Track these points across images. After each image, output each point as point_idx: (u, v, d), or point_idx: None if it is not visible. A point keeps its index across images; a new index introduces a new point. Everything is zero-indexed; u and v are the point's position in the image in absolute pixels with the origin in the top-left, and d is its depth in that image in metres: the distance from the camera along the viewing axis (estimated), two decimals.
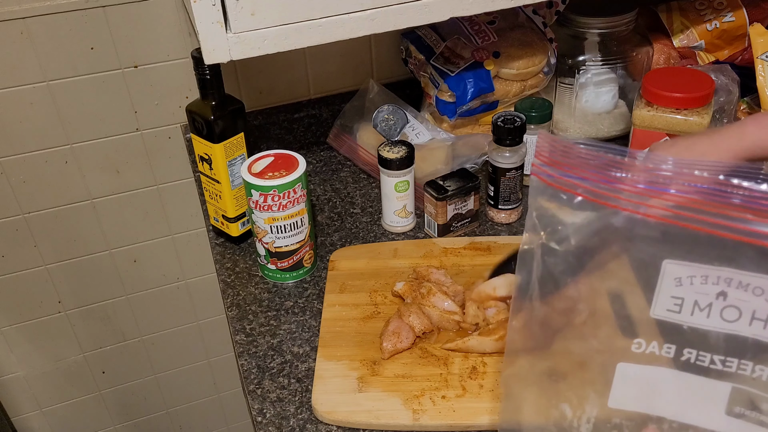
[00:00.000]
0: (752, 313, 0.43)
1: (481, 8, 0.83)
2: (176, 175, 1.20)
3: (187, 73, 1.10)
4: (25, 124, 1.06)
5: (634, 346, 0.47)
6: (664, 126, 0.88)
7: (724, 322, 0.44)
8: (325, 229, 0.98)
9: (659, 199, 0.42)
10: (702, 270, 0.43)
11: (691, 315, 0.44)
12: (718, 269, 0.43)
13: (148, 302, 1.32)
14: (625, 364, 0.48)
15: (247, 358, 0.79)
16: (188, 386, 1.48)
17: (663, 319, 0.45)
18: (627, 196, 0.43)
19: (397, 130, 0.96)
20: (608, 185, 0.44)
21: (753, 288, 0.42)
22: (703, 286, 0.43)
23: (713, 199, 0.41)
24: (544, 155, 0.46)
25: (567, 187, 0.45)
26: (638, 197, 0.43)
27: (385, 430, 0.69)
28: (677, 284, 0.44)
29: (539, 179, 0.46)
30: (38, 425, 1.39)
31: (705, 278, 0.43)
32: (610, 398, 0.49)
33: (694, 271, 0.43)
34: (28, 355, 1.29)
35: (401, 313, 0.78)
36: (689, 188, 0.42)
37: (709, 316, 0.44)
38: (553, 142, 0.46)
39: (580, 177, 0.44)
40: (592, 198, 0.44)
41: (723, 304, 0.43)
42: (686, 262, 0.43)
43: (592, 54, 1.07)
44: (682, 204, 0.42)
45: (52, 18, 0.99)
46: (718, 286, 0.43)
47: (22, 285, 1.21)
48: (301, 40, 0.77)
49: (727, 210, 0.40)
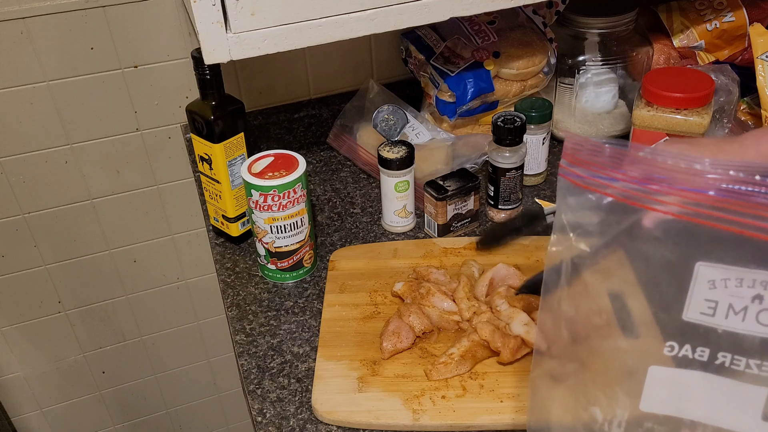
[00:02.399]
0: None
1: (481, 8, 0.83)
2: (176, 175, 1.20)
3: (187, 73, 1.10)
4: (25, 124, 1.06)
5: (666, 349, 0.46)
6: (664, 126, 0.88)
7: (760, 325, 0.43)
8: (325, 229, 0.98)
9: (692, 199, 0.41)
10: (737, 272, 0.42)
11: (726, 318, 0.44)
12: (753, 272, 0.42)
13: (148, 302, 1.32)
14: (657, 368, 0.47)
15: (247, 358, 0.79)
16: (188, 386, 1.48)
17: (696, 322, 0.44)
18: (658, 196, 0.42)
19: (397, 130, 0.96)
20: (638, 185, 0.43)
21: None
22: (738, 289, 0.42)
23: (748, 199, 0.40)
24: (572, 156, 0.45)
25: (595, 188, 0.44)
26: (669, 198, 0.42)
27: (385, 430, 0.69)
28: (711, 287, 0.43)
29: (567, 180, 0.45)
30: (38, 425, 1.39)
31: (740, 281, 0.42)
32: (642, 401, 0.48)
33: (728, 274, 0.42)
34: (28, 355, 1.29)
35: (401, 313, 0.78)
36: (721, 188, 0.41)
37: (745, 320, 0.43)
38: (581, 143, 0.45)
39: (608, 177, 0.44)
40: (622, 198, 0.43)
41: (759, 308, 0.42)
42: (720, 265, 0.42)
43: (592, 54, 1.07)
44: (715, 204, 0.41)
45: (52, 18, 0.99)
46: (753, 289, 0.42)
47: (22, 285, 1.21)
48: (301, 40, 0.77)
49: (761, 210, 0.40)
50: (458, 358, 0.72)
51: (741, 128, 1.01)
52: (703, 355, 0.45)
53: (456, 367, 0.72)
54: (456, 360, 0.72)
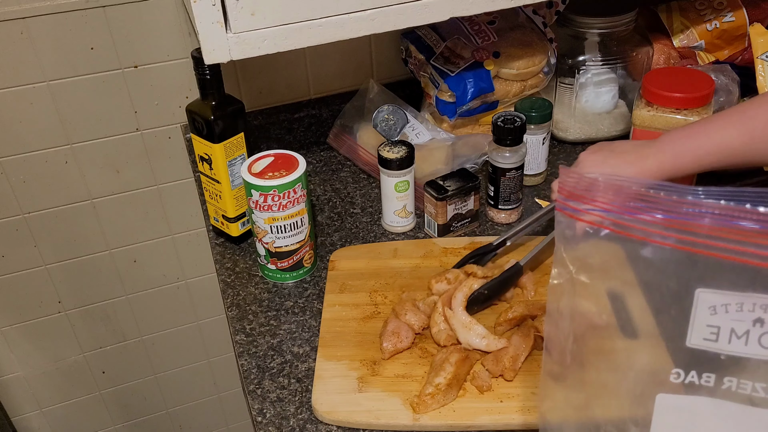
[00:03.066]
0: None
1: (481, 8, 0.83)
2: (176, 175, 1.20)
3: (187, 73, 1.10)
4: (25, 124, 1.06)
5: (672, 376, 0.46)
6: (664, 126, 0.88)
7: (762, 348, 0.43)
8: (325, 229, 0.98)
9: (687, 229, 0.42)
10: (736, 297, 0.43)
11: (729, 343, 0.44)
12: (752, 296, 0.42)
13: (148, 302, 1.32)
14: (665, 395, 0.47)
15: (247, 358, 0.79)
16: (188, 386, 1.48)
17: (700, 348, 0.45)
18: (653, 227, 0.43)
19: (397, 130, 0.96)
20: (633, 217, 0.44)
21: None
22: (739, 314, 0.43)
23: (740, 227, 0.41)
24: (568, 190, 0.46)
25: (592, 221, 0.45)
26: (664, 228, 0.43)
27: (385, 430, 0.69)
28: (712, 313, 0.44)
29: (564, 214, 0.46)
30: (38, 425, 1.39)
31: (740, 305, 0.43)
32: (652, 430, 0.48)
33: (728, 299, 0.43)
34: (28, 355, 1.29)
35: (397, 313, 0.78)
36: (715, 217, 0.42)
37: (747, 344, 0.44)
38: (576, 177, 0.46)
39: (604, 210, 0.45)
40: (619, 231, 0.44)
41: (761, 331, 0.43)
42: (720, 290, 0.43)
43: (592, 54, 1.07)
44: (710, 233, 0.42)
45: (52, 18, 0.99)
46: (754, 313, 0.43)
47: (22, 285, 1.21)
48: (301, 40, 0.77)
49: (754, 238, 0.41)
50: (445, 387, 0.69)
51: None
52: (709, 380, 0.46)
53: (444, 397, 0.69)
54: (443, 390, 0.68)
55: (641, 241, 0.44)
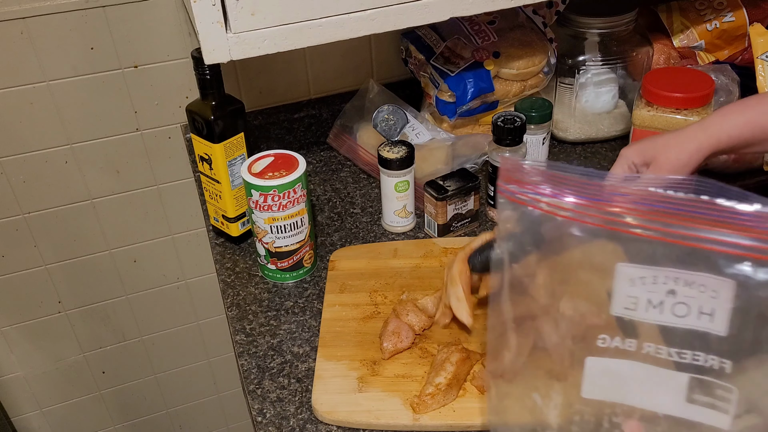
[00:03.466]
0: (699, 308, 0.47)
1: (481, 8, 0.83)
2: (176, 175, 1.20)
3: (187, 73, 1.10)
4: (25, 124, 1.06)
5: (599, 341, 0.51)
6: (664, 126, 0.88)
7: (675, 317, 0.48)
8: (325, 229, 0.98)
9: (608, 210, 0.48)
10: (651, 271, 0.48)
11: (646, 312, 0.49)
12: (665, 270, 0.47)
13: (148, 302, 1.32)
14: (594, 359, 0.52)
15: (247, 358, 0.79)
16: (188, 386, 1.48)
17: (622, 316, 0.50)
18: (580, 208, 0.49)
19: (397, 130, 0.96)
20: (563, 200, 0.49)
21: (698, 285, 0.47)
22: (654, 286, 0.48)
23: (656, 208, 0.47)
24: (508, 176, 0.52)
25: (528, 203, 0.51)
26: (589, 209, 0.49)
27: (385, 430, 0.69)
28: (631, 284, 0.49)
29: (504, 196, 0.52)
30: (38, 425, 1.39)
31: (655, 278, 0.48)
32: (583, 389, 0.53)
33: (644, 273, 0.48)
34: (28, 355, 1.29)
35: (398, 313, 0.78)
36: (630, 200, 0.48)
37: (662, 312, 0.49)
38: (515, 165, 0.52)
39: (539, 193, 0.50)
40: (550, 211, 0.50)
41: (673, 301, 0.48)
42: (637, 265, 0.48)
43: (592, 54, 1.07)
44: (628, 214, 0.48)
45: (52, 18, 0.99)
46: (667, 285, 0.48)
47: (22, 285, 1.21)
48: (301, 40, 0.77)
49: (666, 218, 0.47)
50: (445, 387, 0.69)
51: None
52: (631, 345, 0.51)
53: (444, 397, 0.69)
54: (443, 390, 0.69)
55: (570, 221, 0.49)
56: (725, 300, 0.46)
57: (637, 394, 0.52)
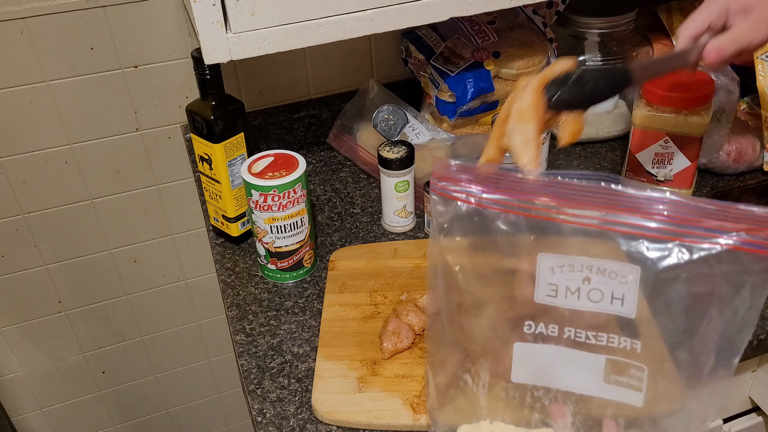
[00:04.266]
0: (611, 293, 0.51)
1: (481, 8, 0.83)
2: (176, 175, 1.20)
3: (187, 73, 1.10)
4: (25, 124, 1.06)
5: (525, 327, 0.55)
6: (664, 126, 0.88)
7: (591, 302, 0.52)
8: (325, 229, 0.98)
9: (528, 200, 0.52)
10: (568, 260, 0.52)
11: (566, 298, 0.53)
12: (579, 258, 0.51)
13: (148, 302, 1.32)
14: (520, 344, 0.55)
15: (247, 358, 0.79)
16: (188, 386, 1.48)
17: (545, 303, 0.53)
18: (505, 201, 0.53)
19: (397, 130, 0.96)
20: (489, 194, 0.53)
21: (609, 272, 0.51)
22: (571, 273, 0.52)
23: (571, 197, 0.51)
24: (439, 174, 0.55)
25: (457, 198, 0.54)
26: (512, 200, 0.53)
27: (385, 430, 0.69)
28: (551, 273, 0.52)
29: (436, 192, 0.55)
30: (38, 425, 1.39)
31: (571, 266, 0.52)
32: (513, 374, 0.56)
33: (562, 261, 0.52)
34: (28, 355, 1.29)
35: (398, 313, 0.78)
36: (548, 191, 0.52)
37: (579, 299, 0.52)
38: (446, 164, 0.56)
39: (466, 189, 0.54)
40: (479, 204, 0.54)
41: (588, 288, 0.52)
42: (555, 254, 0.52)
43: (592, 54, 1.07)
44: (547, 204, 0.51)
45: (52, 18, 0.99)
46: (582, 272, 0.52)
47: (22, 285, 1.21)
48: (301, 40, 0.77)
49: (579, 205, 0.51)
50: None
51: (741, 128, 1.01)
52: (554, 330, 0.54)
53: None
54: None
55: (496, 212, 0.53)
56: (632, 284, 0.50)
57: (561, 377, 0.55)
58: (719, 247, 0.48)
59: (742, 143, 0.99)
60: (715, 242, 0.48)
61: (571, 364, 0.54)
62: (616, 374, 0.53)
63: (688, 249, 0.49)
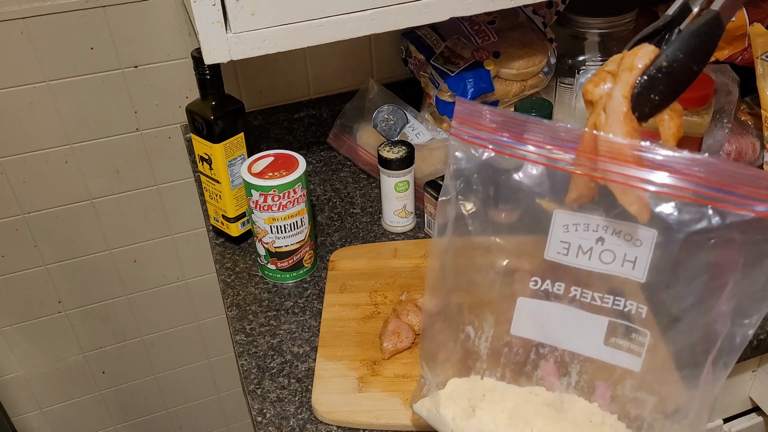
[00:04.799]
0: (624, 255, 0.51)
1: (481, 8, 0.83)
2: (176, 175, 1.20)
3: (187, 73, 1.10)
4: (25, 124, 1.06)
5: (531, 283, 0.55)
6: None
7: (601, 263, 0.52)
8: (325, 229, 0.98)
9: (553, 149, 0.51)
10: (584, 219, 0.51)
11: (576, 257, 0.52)
12: (596, 218, 0.51)
13: (148, 302, 1.32)
14: (524, 299, 0.55)
15: (247, 358, 0.79)
16: (188, 386, 1.48)
17: (554, 261, 0.53)
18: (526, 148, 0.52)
19: (397, 130, 0.96)
20: (511, 140, 0.52)
21: (624, 234, 0.50)
22: (585, 233, 0.52)
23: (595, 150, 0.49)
24: (461, 118, 0.54)
25: (478, 143, 0.53)
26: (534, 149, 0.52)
27: (385, 430, 0.69)
28: (565, 230, 0.52)
29: (456, 137, 0.54)
30: (38, 425, 1.39)
31: (587, 226, 0.51)
32: (512, 327, 0.56)
33: (578, 219, 0.51)
34: (28, 355, 1.29)
35: (398, 313, 0.78)
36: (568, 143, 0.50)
37: (590, 259, 0.52)
38: (469, 107, 0.54)
39: (488, 134, 0.53)
40: (499, 150, 0.53)
41: (601, 248, 0.51)
42: (572, 212, 0.51)
43: (592, 54, 1.07)
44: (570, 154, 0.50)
45: (52, 18, 0.99)
46: (597, 232, 0.51)
47: (22, 285, 1.21)
48: (301, 40, 0.77)
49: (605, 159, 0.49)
50: None
51: (741, 128, 1.01)
52: (560, 289, 0.54)
53: None
54: None
55: (517, 161, 0.53)
56: (646, 248, 0.50)
57: (561, 335, 0.55)
58: (752, 215, 0.47)
59: (742, 143, 0.99)
60: (750, 209, 0.47)
61: (573, 323, 0.54)
62: (618, 337, 0.53)
63: (720, 214, 0.47)
